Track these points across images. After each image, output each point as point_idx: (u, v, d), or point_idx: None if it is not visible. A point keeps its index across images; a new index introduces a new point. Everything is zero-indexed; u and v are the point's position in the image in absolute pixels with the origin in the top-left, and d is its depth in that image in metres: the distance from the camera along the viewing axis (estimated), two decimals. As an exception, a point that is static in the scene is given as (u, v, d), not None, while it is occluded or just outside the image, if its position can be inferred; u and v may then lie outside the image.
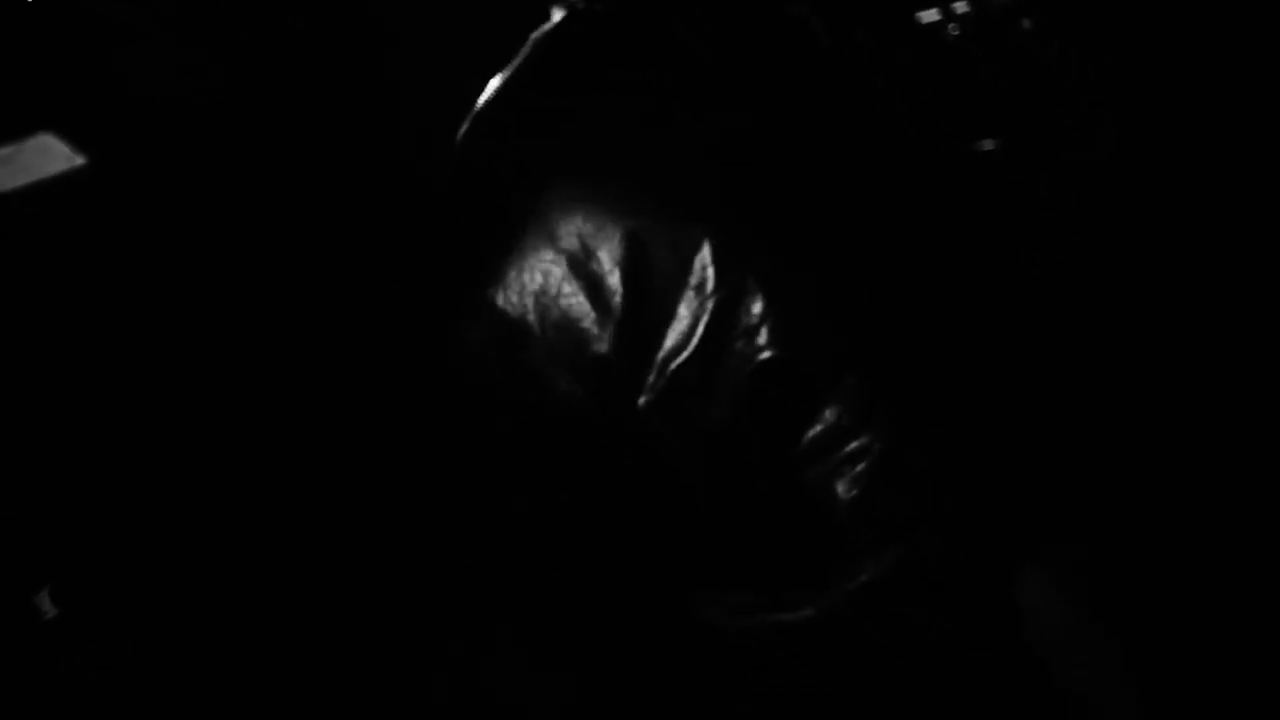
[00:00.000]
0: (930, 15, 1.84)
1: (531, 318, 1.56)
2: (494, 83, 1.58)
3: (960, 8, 1.84)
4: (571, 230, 1.56)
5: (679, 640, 1.61)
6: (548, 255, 1.56)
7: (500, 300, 1.57)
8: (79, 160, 1.91)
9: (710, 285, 1.54)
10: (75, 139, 1.92)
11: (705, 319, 1.54)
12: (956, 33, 1.83)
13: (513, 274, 1.57)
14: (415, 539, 1.72)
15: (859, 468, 1.53)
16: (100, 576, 1.69)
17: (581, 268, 1.55)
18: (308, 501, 1.75)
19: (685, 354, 1.54)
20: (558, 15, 1.60)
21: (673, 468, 1.57)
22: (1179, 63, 1.82)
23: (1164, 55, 1.82)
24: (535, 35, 1.58)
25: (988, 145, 1.82)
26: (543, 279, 1.56)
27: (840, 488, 1.53)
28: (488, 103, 1.58)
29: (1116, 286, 1.73)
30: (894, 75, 1.77)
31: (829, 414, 1.53)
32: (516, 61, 1.58)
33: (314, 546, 1.75)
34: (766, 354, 1.53)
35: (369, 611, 1.73)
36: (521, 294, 1.57)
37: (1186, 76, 1.81)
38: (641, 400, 1.54)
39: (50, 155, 1.92)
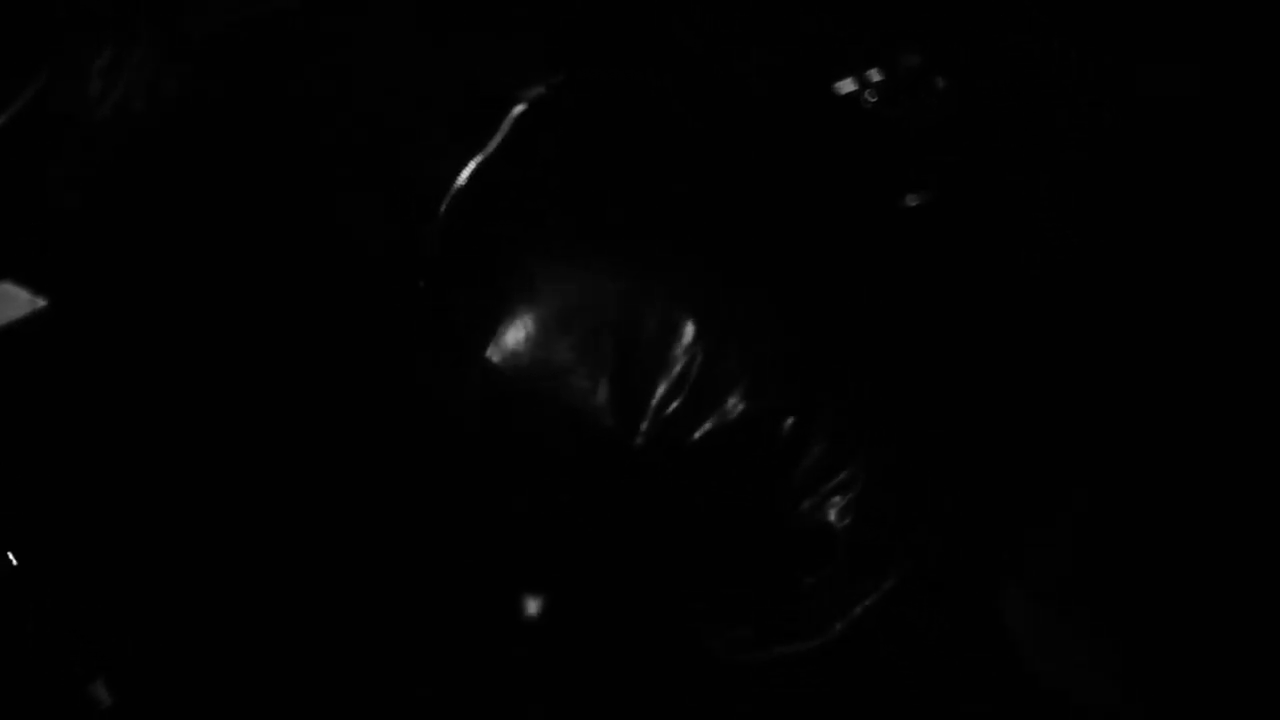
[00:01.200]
0: (847, 85, 1.95)
1: (527, 373, 1.63)
2: (472, 163, 1.66)
3: (874, 76, 1.96)
4: (558, 293, 1.64)
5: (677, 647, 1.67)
6: (537, 316, 1.64)
7: (495, 358, 1.64)
8: (40, 303, 1.94)
9: (692, 337, 1.62)
10: (34, 284, 1.96)
11: (695, 370, 1.62)
12: (874, 99, 1.95)
13: (506, 334, 1.64)
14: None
15: (849, 496, 1.61)
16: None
17: (570, 325, 1.64)
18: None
19: (677, 402, 1.61)
20: (529, 98, 1.69)
21: (667, 507, 1.64)
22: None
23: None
24: (510, 116, 1.67)
25: (914, 200, 1.93)
26: (534, 337, 1.64)
27: (834, 517, 1.61)
28: (468, 180, 1.65)
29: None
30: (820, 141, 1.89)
31: (816, 449, 1.62)
32: (495, 141, 1.66)
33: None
34: (750, 401, 1.62)
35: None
36: (515, 353, 1.64)
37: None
38: (638, 442, 1.61)
39: (10, 301, 1.95)
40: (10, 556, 1.57)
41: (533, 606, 1.74)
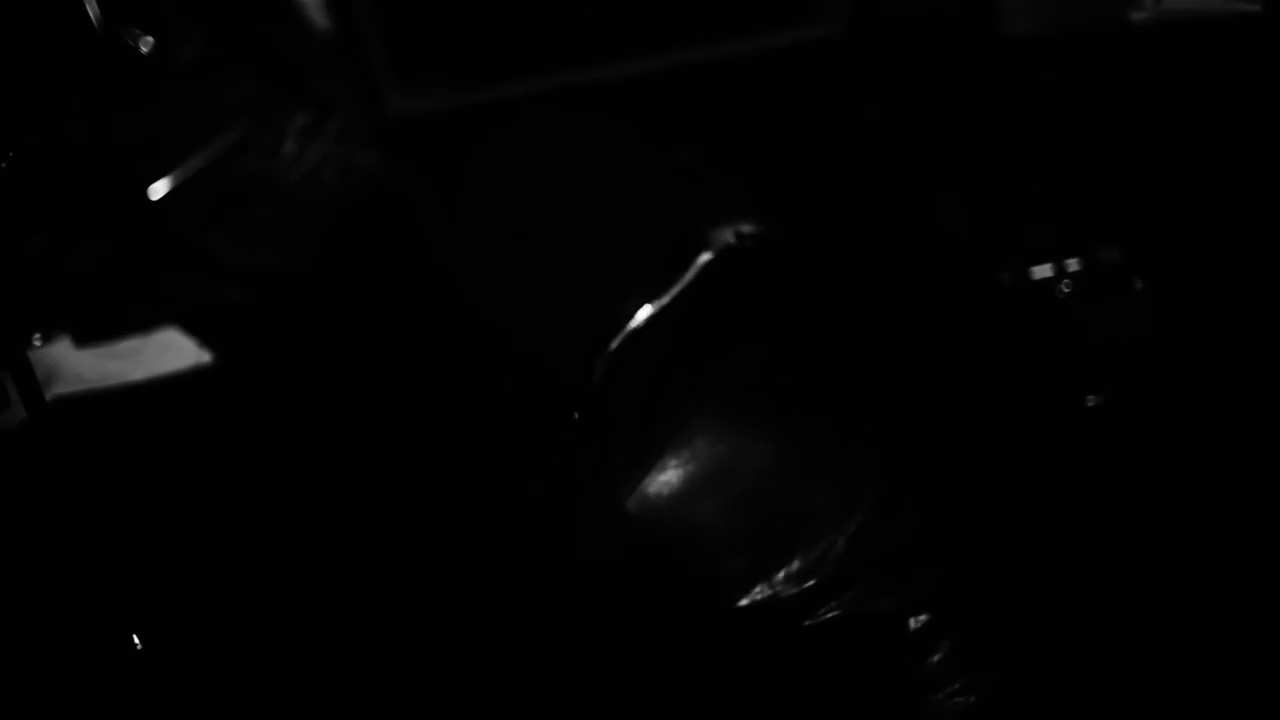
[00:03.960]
0: (1043, 270, 1.91)
1: (661, 529, 1.61)
2: (650, 306, 1.64)
3: (1071, 265, 1.91)
4: (712, 453, 1.61)
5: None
6: (686, 473, 1.62)
7: (633, 508, 1.62)
8: (205, 357, 1.95)
9: (836, 521, 1.60)
10: (201, 335, 1.97)
11: (832, 555, 1.59)
12: (1068, 290, 1.90)
13: (649, 485, 1.62)
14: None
15: (976, 697, 1.57)
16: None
17: (717, 488, 1.61)
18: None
19: (810, 583, 1.59)
20: (718, 246, 1.67)
21: (790, 684, 1.62)
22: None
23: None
24: (697, 264, 1.65)
25: (1093, 401, 1.87)
26: (678, 493, 1.62)
27: (960, 715, 1.57)
28: (644, 323, 1.64)
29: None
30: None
31: (944, 646, 1.59)
32: (676, 288, 1.64)
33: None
34: (881, 594, 1.59)
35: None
36: (655, 506, 1.62)
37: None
38: (765, 616, 1.59)
39: (176, 350, 1.97)
40: (135, 639, 1.57)
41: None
